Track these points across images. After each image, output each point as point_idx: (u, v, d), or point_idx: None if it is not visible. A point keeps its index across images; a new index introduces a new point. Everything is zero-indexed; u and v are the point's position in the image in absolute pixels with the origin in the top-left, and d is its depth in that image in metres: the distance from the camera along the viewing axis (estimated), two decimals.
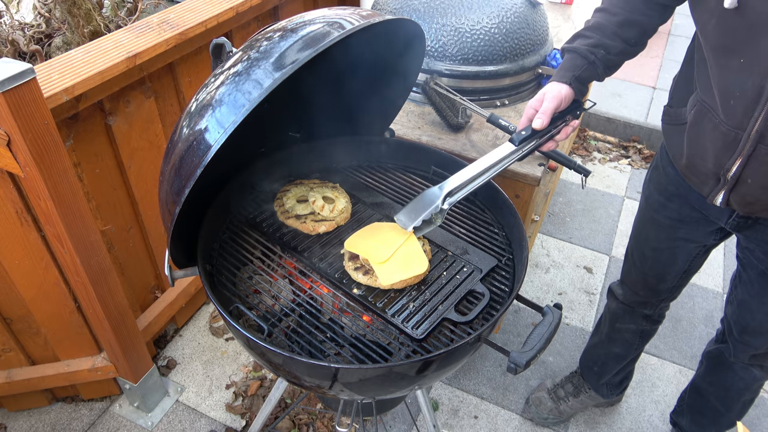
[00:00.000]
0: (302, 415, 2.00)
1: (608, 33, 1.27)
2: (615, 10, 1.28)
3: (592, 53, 1.26)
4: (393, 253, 1.20)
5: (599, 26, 1.28)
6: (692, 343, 2.38)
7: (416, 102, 1.94)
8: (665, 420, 2.08)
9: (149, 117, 1.75)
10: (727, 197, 1.19)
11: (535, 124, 1.21)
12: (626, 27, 1.27)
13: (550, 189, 2.67)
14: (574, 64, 1.27)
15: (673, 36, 5.02)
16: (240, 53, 0.99)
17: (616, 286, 1.79)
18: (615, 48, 1.27)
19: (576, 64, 1.27)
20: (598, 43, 1.27)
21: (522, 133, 1.21)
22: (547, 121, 1.21)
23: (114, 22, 3.41)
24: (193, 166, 0.92)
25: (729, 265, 2.78)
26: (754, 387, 1.65)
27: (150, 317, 2.02)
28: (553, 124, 1.24)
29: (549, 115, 1.21)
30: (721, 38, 1.04)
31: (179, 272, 1.19)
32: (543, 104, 1.22)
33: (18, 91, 1.17)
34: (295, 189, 1.42)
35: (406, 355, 1.11)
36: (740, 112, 1.06)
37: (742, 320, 1.49)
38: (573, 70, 1.26)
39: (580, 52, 1.27)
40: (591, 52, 1.26)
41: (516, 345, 2.32)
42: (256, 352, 1.08)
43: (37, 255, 1.55)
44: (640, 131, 3.63)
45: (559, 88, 1.24)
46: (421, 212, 1.15)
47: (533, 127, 1.21)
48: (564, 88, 1.25)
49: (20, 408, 1.99)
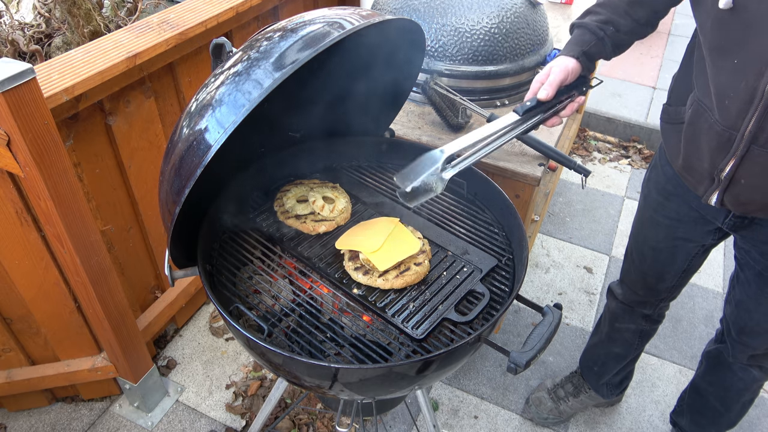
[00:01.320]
0: (302, 415, 2.00)
1: (619, 11, 1.27)
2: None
3: (602, 29, 1.26)
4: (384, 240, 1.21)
5: (610, 3, 1.28)
6: (692, 343, 2.38)
7: (416, 102, 1.94)
8: (665, 420, 2.08)
9: (149, 117, 1.75)
10: (721, 197, 1.19)
11: (540, 95, 1.20)
12: (636, 6, 1.26)
13: (550, 189, 2.67)
14: (582, 39, 1.27)
15: (673, 36, 5.02)
16: (240, 53, 0.99)
17: (616, 286, 1.79)
18: (625, 26, 1.26)
19: (585, 39, 1.27)
20: (608, 20, 1.26)
21: (527, 104, 1.20)
22: (552, 92, 1.20)
23: (114, 22, 3.41)
24: (193, 166, 0.92)
25: (729, 265, 2.77)
26: (753, 387, 1.65)
27: (150, 317, 2.02)
28: (558, 98, 1.23)
29: (555, 86, 1.21)
30: (717, 39, 1.04)
31: (179, 272, 1.19)
32: (549, 76, 1.22)
33: (18, 91, 1.17)
34: (295, 189, 1.42)
35: (406, 355, 1.11)
36: (734, 112, 1.06)
37: (740, 320, 1.50)
38: (581, 45, 1.26)
39: (590, 27, 1.27)
40: (600, 28, 1.26)
41: (516, 345, 2.32)
42: (256, 352, 1.08)
43: (37, 255, 1.55)
44: (640, 131, 3.63)
45: (567, 61, 1.24)
46: (421, 173, 1.07)
47: (538, 98, 1.20)
48: (571, 61, 1.24)
49: (20, 408, 1.99)
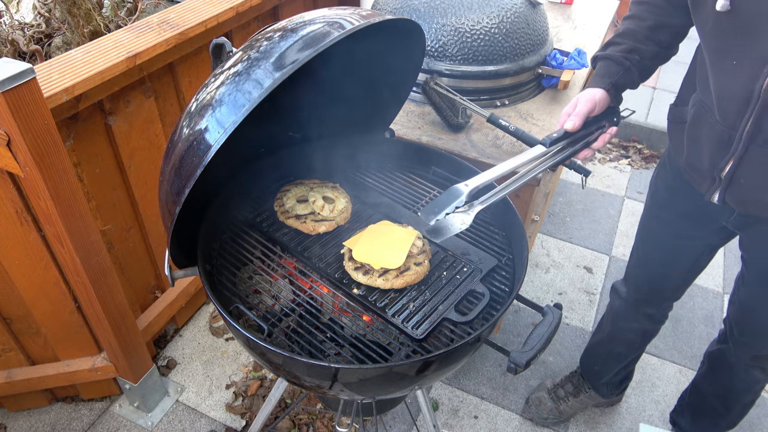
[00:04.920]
0: (302, 415, 2.00)
1: (640, 38, 1.26)
2: (644, 15, 1.27)
3: (627, 59, 1.25)
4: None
5: (630, 32, 1.27)
6: (692, 343, 2.38)
7: (416, 102, 1.94)
8: (665, 420, 2.08)
9: (149, 117, 1.75)
10: (722, 196, 1.20)
11: (567, 125, 1.19)
12: (657, 30, 1.26)
13: (550, 189, 2.67)
14: (609, 71, 1.26)
15: None
16: (240, 53, 0.99)
17: (620, 285, 1.79)
18: (649, 52, 1.26)
19: (611, 71, 1.25)
20: (632, 48, 1.25)
21: (553, 135, 1.18)
22: (579, 123, 1.19)
23: (114, 22, 3.41)
24: (193, 166, 0.92)
25: (729, 265, 2.78)
26: (755, 389, 1.64)
27: (150, 317, 2.02)
28: (587, 128, 1.21)
29: (582, 117, 1.19)
30: (716, 40, 1.05)
31: (179, 272, 1.19)
32: (576, 108, 1.21)
33: (18, 91, 1.17)
34: (295, 189, 1.42)
35: (406, 355, 1.11)
36: (733, 112, 1.07)
37: (743, 321, 1.50)
38: (609, 76, 1.25)
39: (615, 58, 1.25)
40: (626, 58, 1.25)
41: (516, 345, 2.32)
42: (256, 352, 1.08)
43: (37, 255, 1.55)
44: (640, 131, 3.63)
45: (594, 92, 1.23)
46: (445, 206, 1.10)
47: (565, 128, 1.19)
48: (599, 92, 1.23)
49: (20, 408, 1.99)
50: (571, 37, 2.30)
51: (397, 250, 1.21)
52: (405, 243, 1.23)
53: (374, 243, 1.23)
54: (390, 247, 1.21)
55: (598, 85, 1.25)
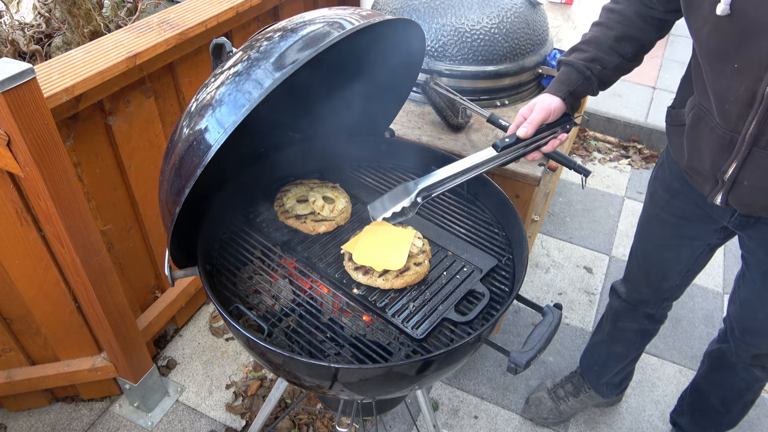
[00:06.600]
0: (302, 415, 2.00)
1: (605, 48, 1.27)
2: (612, 24, 1.28)
3: (588, 68, 1.27)
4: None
5: (596, 40, 1.29)
6: (692, 343, 2.38)
7: (416, 102, 1.94)
8: (665, 420, 2.08)
9: (149, 117, 1.75)
10: (725, 198, 1.20)
11: (519, 132, 1.23)
12: (623, 42, 1.27)
13: (550, 189, 2.67)
14: (569, 78, 1.28)
15: (673, 36, 5.02)
16: (240, 53, 0.99)
17: (619, 284, 1.79)
18: (611, 63, 1.28)
19: (571, 79, 1.28)
20: (595, 58, 1.27)
21: (506, 140, 1.23)
22: (531, 131, 1.23)
23: (114, 22, 3.41)
24: (193, 166, 0.92)
25: (729, 265, 2.78)
26: (755, 388, 1.65)
27: (150, 317, 2.02)
28: (539, 134, 1.25)
29: (535, 125, 1.23)
30: (715, 44, 1.05)
31: (179, 272, 1.19)
32: (531, 114, 1.24)
33: (18, 91, 1.17)
34: (295, 189, 1.42)
35: (406, 355, 1.11)
36: (735, 115, 1.07)
37: (744, 320, 1.50)
38: (568, 84, 1.27)
39: (576, 66, 1.28)
40: (587, 67, 1.27)
41: (516, 345, 2.32)
42: (256, 352, 1.08)
43: (37, 255, 1.55)
44: (640, 131, 3.62)
45: (550, 100, 1.25)
46: (392, 204, 1.19)
47: (517, 135, 1.23)
48: (555, 100, 1.26)
49: (20, 408, 1.99)
50: (571, 37, 2.30)
51: (397, 251, 1.21)
52: (404, 243, 1.23)
53: (373, 244, 1.24)
54: (390, 248, 1.22)
55: (556, 93, 1.27)
